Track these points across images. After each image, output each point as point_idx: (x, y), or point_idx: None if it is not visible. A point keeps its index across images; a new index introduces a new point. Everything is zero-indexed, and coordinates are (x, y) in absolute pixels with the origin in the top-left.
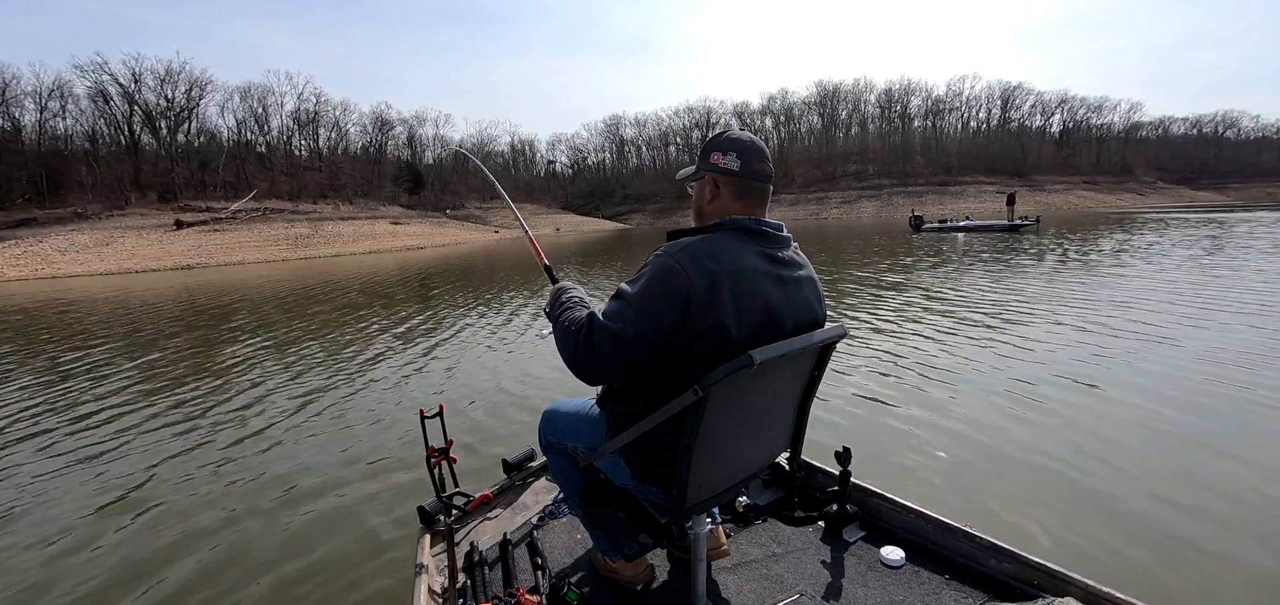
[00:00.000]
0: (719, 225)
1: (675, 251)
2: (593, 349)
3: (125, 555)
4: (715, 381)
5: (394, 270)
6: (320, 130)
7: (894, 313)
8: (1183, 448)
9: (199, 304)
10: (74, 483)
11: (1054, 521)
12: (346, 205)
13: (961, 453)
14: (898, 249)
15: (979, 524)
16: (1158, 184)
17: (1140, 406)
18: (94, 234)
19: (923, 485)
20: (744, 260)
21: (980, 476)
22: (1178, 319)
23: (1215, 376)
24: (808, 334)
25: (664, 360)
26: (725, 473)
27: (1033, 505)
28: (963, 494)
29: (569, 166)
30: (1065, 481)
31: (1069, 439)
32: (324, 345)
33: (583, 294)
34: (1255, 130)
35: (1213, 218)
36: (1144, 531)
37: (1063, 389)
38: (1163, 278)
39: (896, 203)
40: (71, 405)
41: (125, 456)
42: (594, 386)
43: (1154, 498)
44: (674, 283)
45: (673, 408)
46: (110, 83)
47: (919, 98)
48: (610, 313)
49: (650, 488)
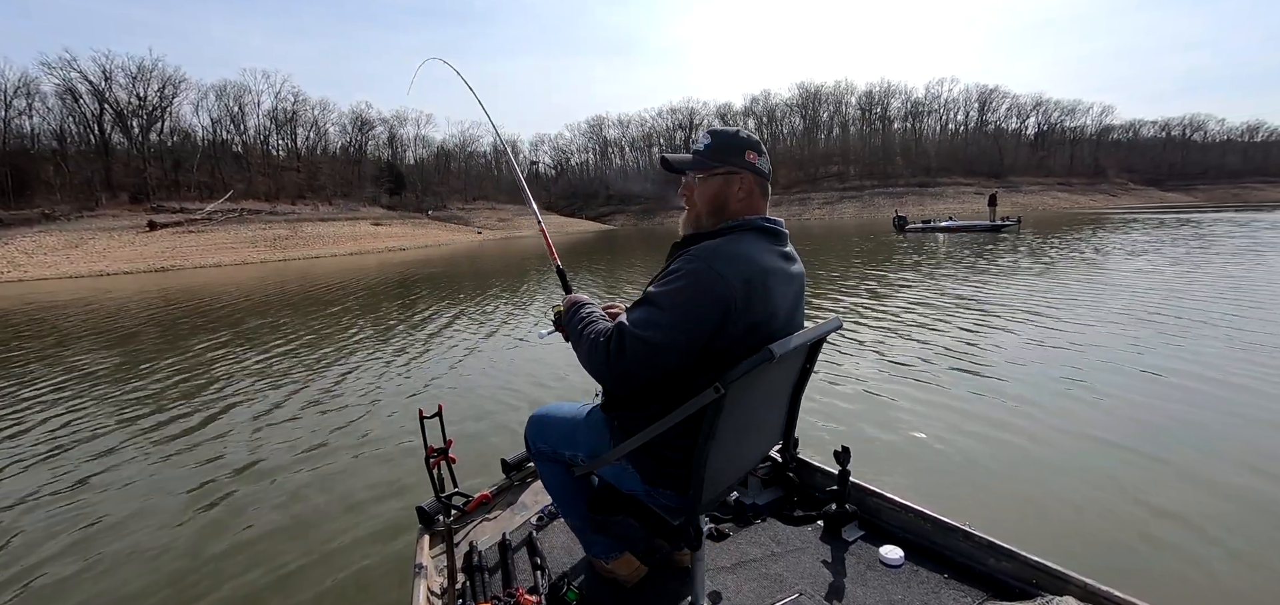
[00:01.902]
0: (744, 225)
1: (709, 257)
2: (624, 357)
3: (124, 557)
4: (735, 378)
5: (377, 272)
6: (299, 130)
7: (889, 312)
8: (1182, 447)
9: (179, 307)
10: (72, 489)
11: (1054, 521)
12: (326, 206)
13: (961, 452)
14: (883, 250)
15: (978, 523)
16: (1129, 185)
17: (1140, 406)
18: (63, 236)
19: (922, 484)
20: (769, 260)
21: (980, 476)
22: (1176, 318)
23: (1216, 375)
24: (816, 326)
25: (696, 365)
26: (732, 470)
27: (1033, 505)
28: (962, 493)
29: (552, 167)
30: (1065, 480)
31: (1068, 437)
32: (317, 346)
33: (599, 307)
34: (1221, 133)
35: (1188, 218)
36: (1144, 531)
37: (1062, 388)
38: (1156, 276)
39: (878, 204)
40: (56, 414)
41: (131, 461)
42: (621, 395)
43: (1154, 497)
44: (713, 289)
45: (691, 407)
46: (79, 80)
47: (899, 100)
48: (641, 320)
49: (662, 491)
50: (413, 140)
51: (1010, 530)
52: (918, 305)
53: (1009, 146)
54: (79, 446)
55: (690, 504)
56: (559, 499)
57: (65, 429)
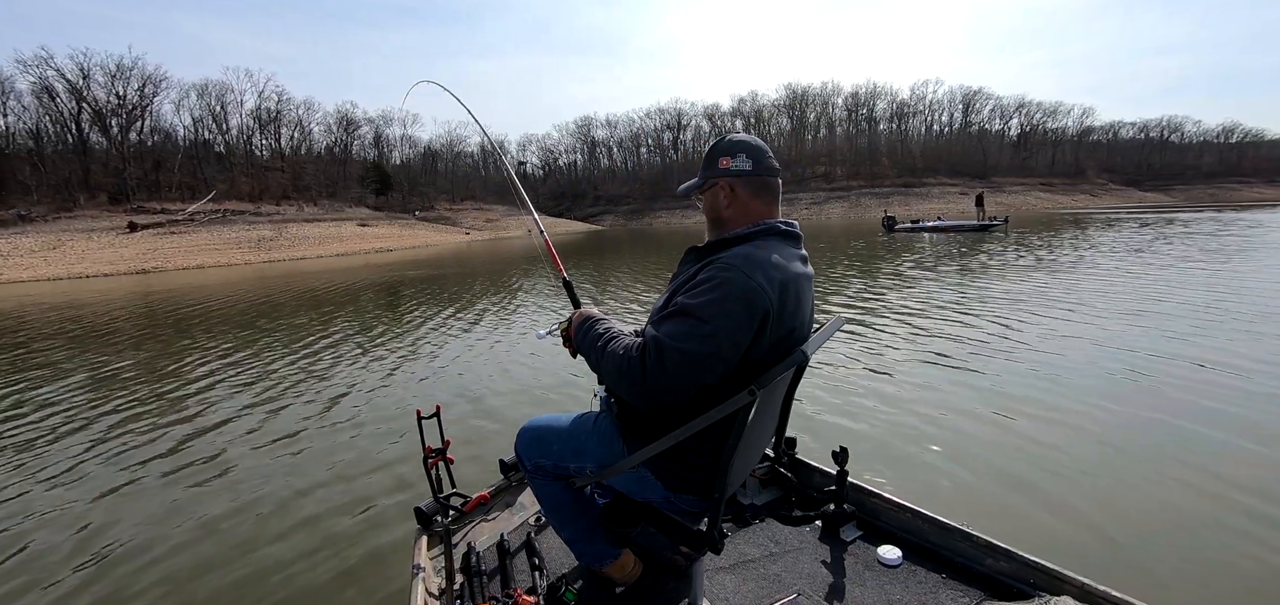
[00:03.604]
0: (763, 229)
1: (741, 264)
2: (665, 371)
3: (126, 557)
4: (769, 382)
5: (366, 273)
6: (283, 130)
7: (887, 312)
8: (1181, 446)
9: (163, 310)
10: (71, 490)
11: (1053, 520)
12: (311, 207)
13: (959, 451)
14: (874, 250)
15: (976, 523)
16: (1109, 185)
17: (1140, 404)
18: (40, 237)
19: (920, 484)
20: (794, 265)
21: (979, 475)
22: (1174, 317)
23: (1214, 375)
24: (826, 326)
25: (734, 373)
26: (743, 470)
27: (1032, 504)
28: (960, 493)
29: (540, 167)
30: (1064, 480)
31: (1068, 436)
32: (313, 348)
33: (614, 321)
34: (1197, 135)
35: (1173, 218)
36: (1142, 530)
37: (1061, 387)
38: (1150, 274)
39: (865, 204)
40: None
41: (130, 461)
42: (654, 410)
43: (1154, 496)
44: (750, 299)
45: (724, 411)
46: (56, 78)
47: (885, 101)
48: (681, 332)
49: (684, 496)
50: (399, 140)
51: (1008, 530)
52: (914, 305)
53: (992, 147)
54: (79, 445)
55: (713, 507)
56: (555, 514)
57: (63, 433)
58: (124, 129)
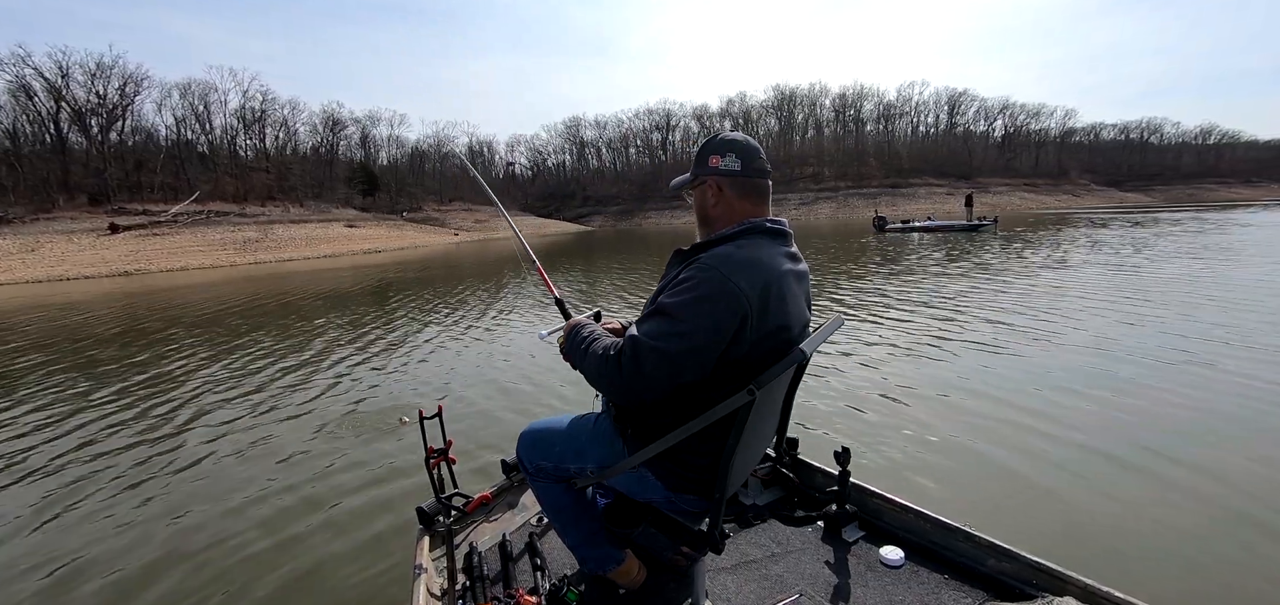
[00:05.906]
0: (747, 228)
1: (720, 265)
2: (640, 369)
3: (125, 558)
4: (768, 382)
5: (354, 275)
6: (268, 130)
7: (885, 312)
8: (1184, 446)
9: (147, 313)
10: (71, 489)
11: (1053, 520)
12: (297, 208)
13: (960, 451)
14: (866, 250)
15: (978, 524)
16: (1091, 186)
17: (1139, 405)
18: (18, 239)
19: (922, 485)
20: (780, 263)
21: (980, 475)
22: (1172, 316)
23: (1216, 375)
24: (825, 325)
25: (713, 373)
26: (744, 470)
27: (1035, 504)
28: (962, 493)
29: (528, 168)
30: (1064, 480)
31: (1068, 436)
32: (308, 349)
33: (600, 327)
34: (1177, 136)
35: (1157, 217)
36: (1142, 530)
37: (1066, 387)
38: (1149, 273)
39: (853, 205)
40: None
41: (126, 463)
42: (633, 407)
43: (1154, 495)
44: (729, 300)
45: (722, 411)
46: (34, 77)
47: (871, 102)
48: (656, 331)
49: (685, 496)
50: (386, 141)
51: (1010, 530)
52: (911, 304)
53: (977, 148)
54: (79, 447)
55: (714, 507)
56: (557, 517)
57: (61, 438)
58: (104, 128)
